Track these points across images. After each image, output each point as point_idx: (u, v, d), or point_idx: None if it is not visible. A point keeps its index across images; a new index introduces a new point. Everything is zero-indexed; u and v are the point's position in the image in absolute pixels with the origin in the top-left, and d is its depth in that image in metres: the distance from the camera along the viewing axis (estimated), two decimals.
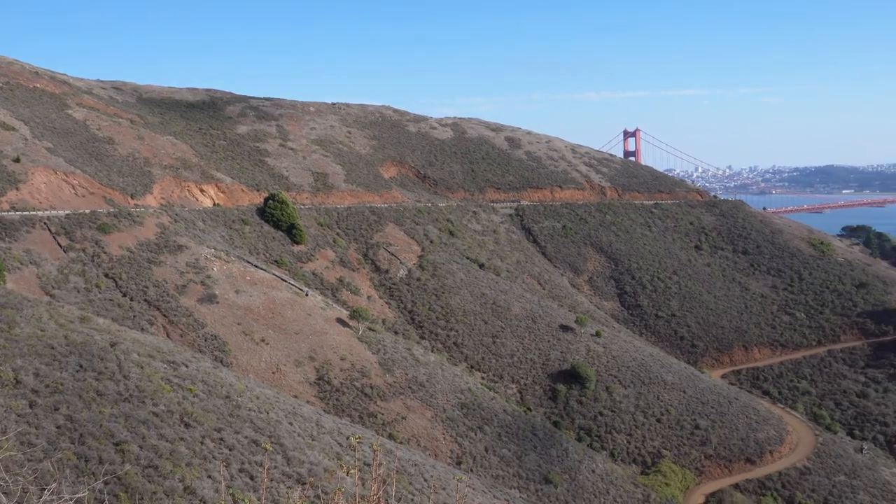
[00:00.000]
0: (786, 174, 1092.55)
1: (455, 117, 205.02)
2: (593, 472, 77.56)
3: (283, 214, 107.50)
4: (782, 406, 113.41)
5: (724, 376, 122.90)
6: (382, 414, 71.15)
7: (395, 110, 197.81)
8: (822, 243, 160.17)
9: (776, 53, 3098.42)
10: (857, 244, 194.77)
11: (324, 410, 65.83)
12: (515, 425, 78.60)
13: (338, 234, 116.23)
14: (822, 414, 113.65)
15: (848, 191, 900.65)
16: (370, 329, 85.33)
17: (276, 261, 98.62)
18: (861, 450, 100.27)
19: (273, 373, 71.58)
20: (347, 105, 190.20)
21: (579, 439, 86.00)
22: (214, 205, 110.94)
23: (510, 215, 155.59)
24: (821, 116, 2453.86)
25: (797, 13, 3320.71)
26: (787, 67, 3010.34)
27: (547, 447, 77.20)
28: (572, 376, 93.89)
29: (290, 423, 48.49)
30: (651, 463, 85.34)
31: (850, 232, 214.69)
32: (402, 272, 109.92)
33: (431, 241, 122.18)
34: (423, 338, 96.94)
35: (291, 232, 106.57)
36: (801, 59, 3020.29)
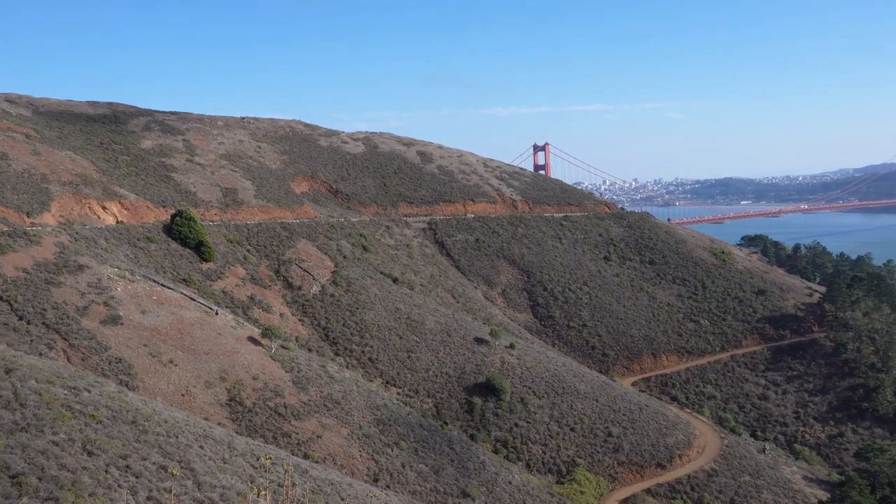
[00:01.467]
0: (688, 186, 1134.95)
1: (367, 132, 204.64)
2: (510, 483, 78.15)
3: (190, 231, 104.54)
4: (690, 411, 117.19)
5: (634, 384, 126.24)
6: (297, 433, 69.84)
7: (306, 125, 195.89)
8: (723, 252, 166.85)
9: (678, 71, 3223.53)
10: (756, 253, 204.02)
11: (236, 432, 64.14)
12: (432, 440, 78.48)
13: (248, 250, 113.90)
14: (726, 417, 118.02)
15: (746, 202, 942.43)
16: (283, 347, 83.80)
17: (184, 279, 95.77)
18: (763, 450, 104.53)
19: (182, 395, 69.32)
20: (257, 119, 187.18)
21: (496, 451, 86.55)
22: (118, 222, 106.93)
23: (423, 229, 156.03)
24: (720, 131, 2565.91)
25: (694, 34, 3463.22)
26: (688, 84, 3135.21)
27: (464, 461, 77.37)
28: (488, 389, 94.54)
29: (201, 447, 46.97)
30: (566, 472, 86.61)
31: (749, 241, 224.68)
32: (316, 288, 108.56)
33: (345, 257, 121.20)
34: (337, 354, 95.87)
35: (200, 249, 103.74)
36: (701, 77, 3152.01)
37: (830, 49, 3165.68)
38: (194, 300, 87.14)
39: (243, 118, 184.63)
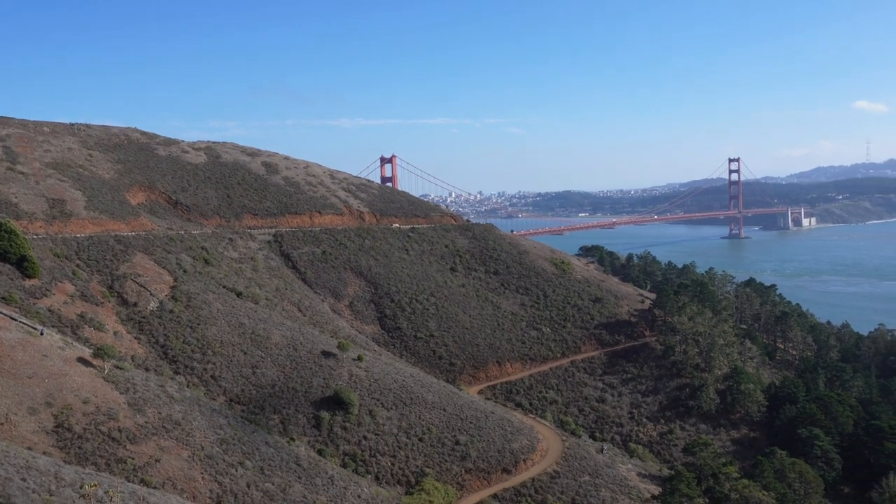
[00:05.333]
0: (530, 199, 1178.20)
1: (209, 141, 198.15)
2: (359, 497, 77.62)
3: (11, 245, 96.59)
4: (534, 416, 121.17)
5: (480, 392, 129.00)
6: (133, 458, 66.11)
7: (143, 132, 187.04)
8: (563, 262, 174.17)
9: (517, 89, 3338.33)
10: (593, 262, 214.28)
11: (64, 461, 59.88)
12: (279, 457, 76.68)
13: (78, 265, 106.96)
14: (568, 420, 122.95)
15: (584, 214, 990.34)
16: (117, 367, 79.22)
17: (3, 298, 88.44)
18: (602, 450, 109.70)
19: (1, 424, 63.91)
20: (88, 126, 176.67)
21: (344, 465, 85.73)
22: None
23: (268, 242, 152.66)
24: (559, 147, 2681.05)
25: (531, 54, 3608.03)
26: (527, 102, 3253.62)
27: (312, 477, 76.10)
28: (336, 402, 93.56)
29: (23, 479, 43.48)
30: (415, 482, 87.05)
31: (586, 251, 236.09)
32: (153, 304, 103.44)
33: (185, 271, 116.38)
34: (177, 373, 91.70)
35: (22, 265, 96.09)
36: (539, 95, 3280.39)
37: (659, 77, 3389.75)
38: (15, 320, 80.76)
39: (73, 125, 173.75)
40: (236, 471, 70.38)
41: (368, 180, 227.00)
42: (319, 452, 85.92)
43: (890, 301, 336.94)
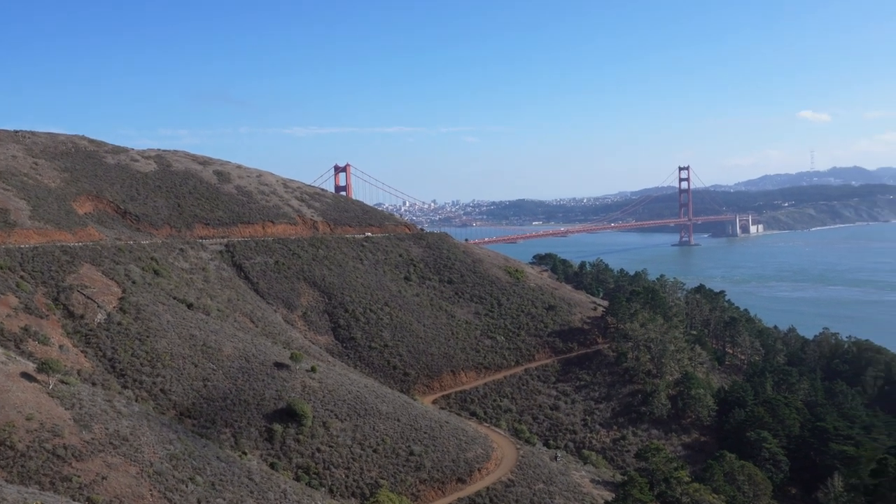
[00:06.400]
0: (484, 208, 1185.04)
1: (159, 149, 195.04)
2: None
3: None
4: (488, 425, 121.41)
5: (435, 401, 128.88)
6: (79, 476, 64.44)
7: (91, 140, 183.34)
8: (516, 271, 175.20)
9: (472, 97, 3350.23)
10: (546, 270, 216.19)
11: (6, 480, 58.25)
12: (230, 472, 75.52)
13: (22, 277, 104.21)
14: (522, 428, 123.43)
15: (537, 222, 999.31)
16: (63, 382, 77.26)
17: None
18: (555, 457, 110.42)
19: None
20: (34, 133, 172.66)
21: (297, 479, 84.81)
22: None
23: (220, 252, 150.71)
24: (513, 156, 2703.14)
25: (487, 61, 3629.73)
26: (482, 110, 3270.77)
27: (264, 491, 75.10)
28: (289, 414, 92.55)
29: None
30: (369, 494, 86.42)
31: (540, 259, 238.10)
32: (101, 317, 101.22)
33: (134, 282, 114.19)
34: (125, 387, 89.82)
35: None
36: (494, 104, 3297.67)
37: (612, 86, 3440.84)
38: None
39: (17, 132, 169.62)
40: (186, 487, 69.13)
41: (322, 189, 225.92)
42: (272, 466, 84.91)
43: (833, 306, 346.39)
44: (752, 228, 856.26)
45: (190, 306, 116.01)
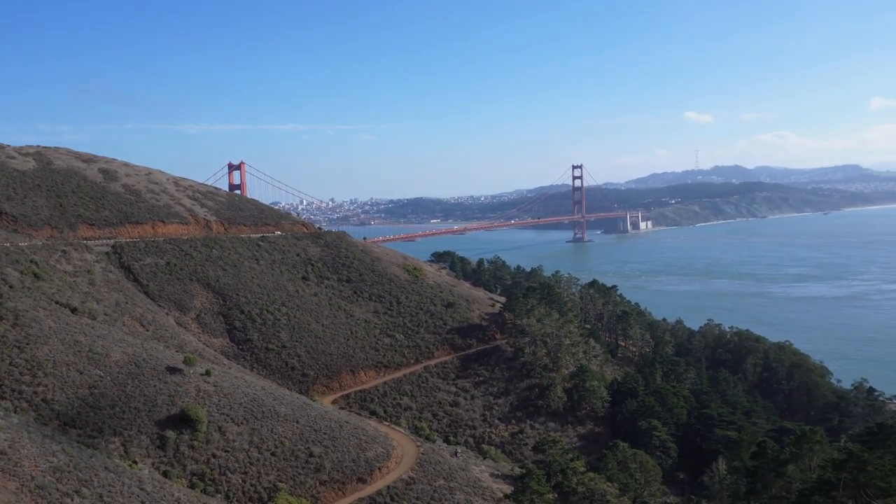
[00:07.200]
0: (382, 206, 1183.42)
1: (38, 146, 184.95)
2: None
3: None
4: (388, 423, 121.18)
5: (334, 402, 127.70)
6: None
7: None
8: (415, 269, 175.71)
9: (366, 94, 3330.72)
10: (445, 268, 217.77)
11: None
12: (120, 482, 72.38)
13: None
14: (422, 426, 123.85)
15: (436, 220, 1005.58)
16: None
17: None
18: (455, 454, 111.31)
19: None
20: None
21: (192, 486, 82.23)
22: None
23: (107, 253, 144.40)
24: (410, 154, 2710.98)
25: (382, 57, 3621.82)
26: (377, 108, 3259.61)
27: (156, 500, 72.41)
28: (182, 420, 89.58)
29: None
30: (268, 498, 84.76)
31: (438, 257, 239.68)
32: None
33: (11, 287, 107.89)
34: (3, 398, 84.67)
35: None
36: (388, 101, 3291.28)
37: (508, 84, 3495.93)
38: None
39: None
40: (72, 500, 65.84)
41: (216, 188, 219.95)
42: (165, 474, 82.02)
43: (718, 298, 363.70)
44: (642, 225, 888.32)
45: (74, 311, 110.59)
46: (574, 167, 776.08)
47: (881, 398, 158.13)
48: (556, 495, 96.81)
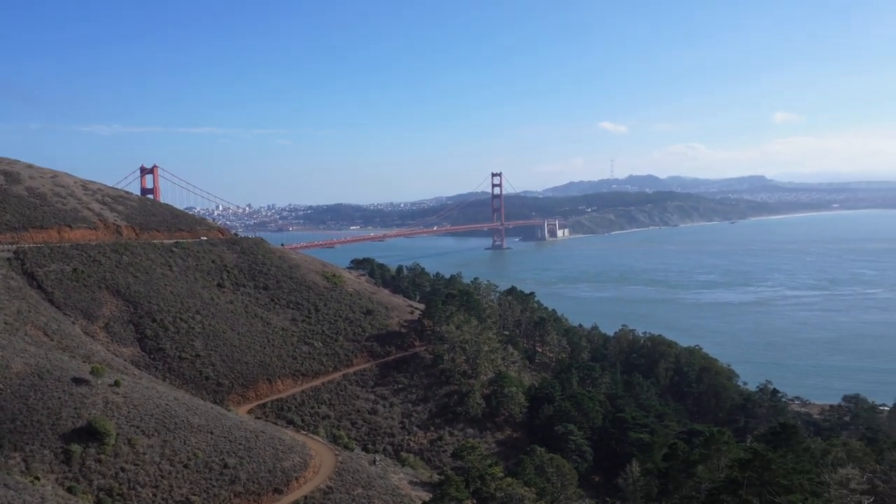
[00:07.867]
0: (301, 212, 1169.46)
1: None
2: None
3: None
4: (306, 432, 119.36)
5: (250, 411, 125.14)
6: None
7: None
8: (334, 276, 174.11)
9: (283, 98, 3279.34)
10: (364, 275, 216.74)
11: None
12: (20, 499, 69.06)
13: None
14: (340, 434, 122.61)
15: (355, 227, 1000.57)
16: None
17: None
18: (374, 462, 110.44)
19: None
20: None
21: (99, 501, 79.09)
22: None
23: (9, 259, 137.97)
24: (328, 159, 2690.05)
25: (299, 61, 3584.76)
26: (293, 113, 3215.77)
27: None
28: (89, 433, 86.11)
29: None
30: None
31: (358, 264, 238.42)
32: None
33: None
34: None
35: None
36: (304, 106, 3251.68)
37: (424, 92, 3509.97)
38: None
39: None
40: None
41: (127, 192, 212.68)
42: (70, 490, 78.62)
43: (632, 304, 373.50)
44: (559, 232, 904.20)
45: None
46: (493, 175, 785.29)
47: (784, 399, 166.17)
48: (474, 501, 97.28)
